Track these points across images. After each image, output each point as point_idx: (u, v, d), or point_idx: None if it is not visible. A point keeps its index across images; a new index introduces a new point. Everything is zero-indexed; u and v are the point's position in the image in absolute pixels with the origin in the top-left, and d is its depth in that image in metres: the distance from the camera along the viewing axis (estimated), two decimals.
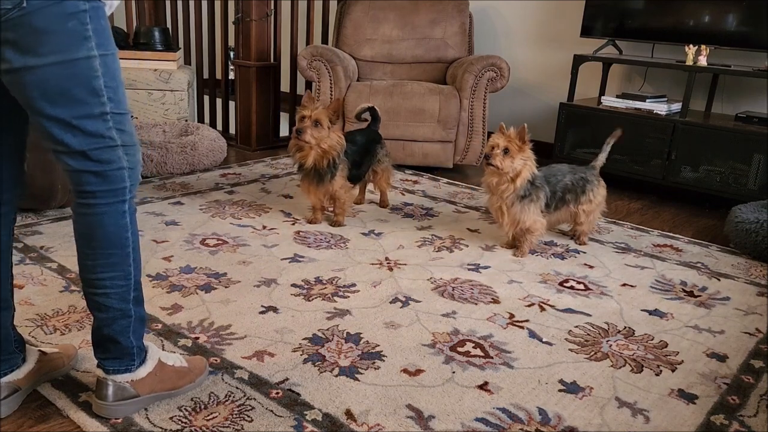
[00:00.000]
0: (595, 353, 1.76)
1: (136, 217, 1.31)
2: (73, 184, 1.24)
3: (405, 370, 1.62)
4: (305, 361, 1.64)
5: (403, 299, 2.02)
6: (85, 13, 1.12)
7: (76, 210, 1.26)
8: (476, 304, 2.02)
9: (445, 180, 3.50)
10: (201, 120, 4.29)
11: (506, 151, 2.28)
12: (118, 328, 1.33)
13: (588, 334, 1.87)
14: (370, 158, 2.75)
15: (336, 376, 1.58)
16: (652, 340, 1.86)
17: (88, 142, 1.19)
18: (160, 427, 1.36)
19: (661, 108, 3.32)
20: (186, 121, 3.89)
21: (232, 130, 4.16)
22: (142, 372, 1.38)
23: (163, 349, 1.65)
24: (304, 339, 1.74)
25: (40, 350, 1.47)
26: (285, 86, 4.23)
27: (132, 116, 3.79)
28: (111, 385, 1.36)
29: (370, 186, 2.98)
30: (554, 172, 2.47)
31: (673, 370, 1.70)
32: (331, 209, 2.72)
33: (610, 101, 3.49)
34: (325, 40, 4.30)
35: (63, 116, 1.15)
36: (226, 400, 1.46)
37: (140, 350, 1.38)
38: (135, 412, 1.39)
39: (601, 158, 2.60)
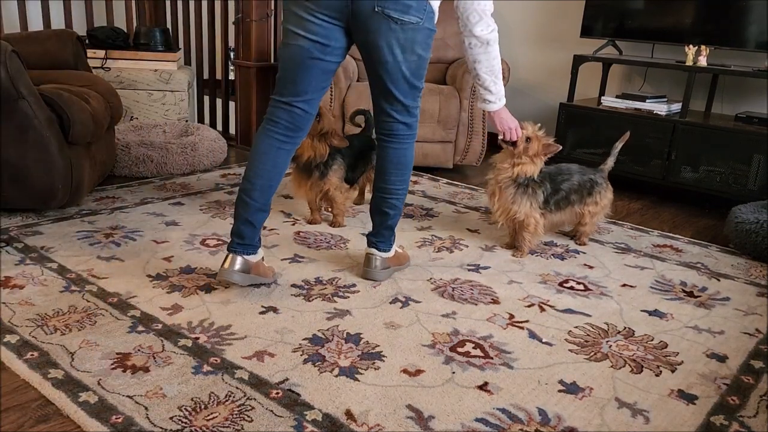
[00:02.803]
0: (595, 354, 1.76)
1: None
2: (386, 131, 1.99)
3: (405, 371, 1.62)
4: (305, 361, 1.64)
5: (403, 299, 2.02)
6: (433, 32, 1.88)
7: (388, 146, 2.00)
8: (476, 304, 2.02)
9: (445, 180, 3.50)
10: (201, 120, 4.30)
11: (528, 140, 2.29)
12: (394, 221, 2.11)
13: (588, 335, 1.87)
14: (365, 164, 2.75)
15: (336, 376, 1.58)
16: (651, 340, 1.86)
17: (412, 104, 1.95)
18: (161, 427, 1.36)
19: (661, 108, 3.32)
20: (186, 121, 3.89)
21: (232, 130, 4.17)
22: (391, 252, 2.15)
23: (162, 350, 1.65)
24: (304, 339, 1.75)
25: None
26: None
27: (132, 117, 3.79)
28: (378, 258, 2.12)
29: (368, 186, 2.98)
30: (562, 170, 2.47)
31: (672, 371, 1.70)
32: (330, 210, 2.72)
33: (610, 101, 3.49)
34: None
35: (407, 87, 1.90)
36: (226, 400, 1.46)
37: (395, 239, 2.16)
38: (387, 278, 2.14)
39: (610, 162, 2.59)
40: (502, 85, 2.11)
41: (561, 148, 2.36)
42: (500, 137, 2.27)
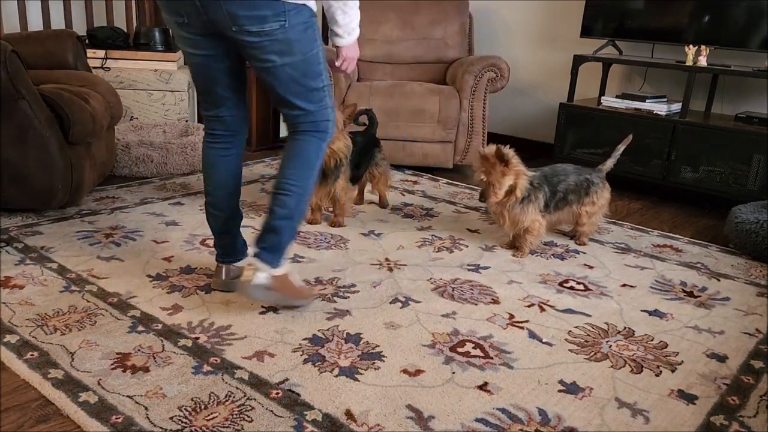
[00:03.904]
0: (595, 354, 1.76)
1: (321, 163, 1.83)
2: (293, 125, 1.78)
3: (405, 371, 1.62)
4: (305, 361, 1.64)
5: (403, 299, 2.02)
6: (314, 23, 1.68)
7: (292, 138, 1.79)
8: (476, 304, 2.02)
9: (445, 180, 3.50)
10: (201, 120, 4.29)
11: (492, 187, 2.29)
12: (282, 225, 1.76)
13: (588, 335, 1.87)
14: (369, 160, 2.75)
15: (336, 376, 1.58)
16: (651, 340, 1.86)
17: (315, 106, 1.75)
18: (160, 427, 1.36)
19: (661, 108, 3.32)
20: (186, 121, 3.89)
21: None
22: (280, 271, 1.79)
23: (162, 350, 1.65)
24: (304, 339, 1.75)
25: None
26: None
27: (132, 117, 3.79)
28: (258, 272, 1.75)
29: (368, 186, 2.98)
30: (557, 171, 2.47)
31: (672, 371, 1.70)
32: (330, 210, 2.72)
33: (610, 101, 3.49)
34: (325, 41, 4.29)
35: (302, 90, 1.72)
36: (226, 400, 1.46)
37: (284, 255, 1.80)
38: (267, 301, 1.85)
39: (609, 163, 2.59)
40: (356, 16, 1.78)
41: (508, 146, 2.30)
42: (338, 63, 1.91)
